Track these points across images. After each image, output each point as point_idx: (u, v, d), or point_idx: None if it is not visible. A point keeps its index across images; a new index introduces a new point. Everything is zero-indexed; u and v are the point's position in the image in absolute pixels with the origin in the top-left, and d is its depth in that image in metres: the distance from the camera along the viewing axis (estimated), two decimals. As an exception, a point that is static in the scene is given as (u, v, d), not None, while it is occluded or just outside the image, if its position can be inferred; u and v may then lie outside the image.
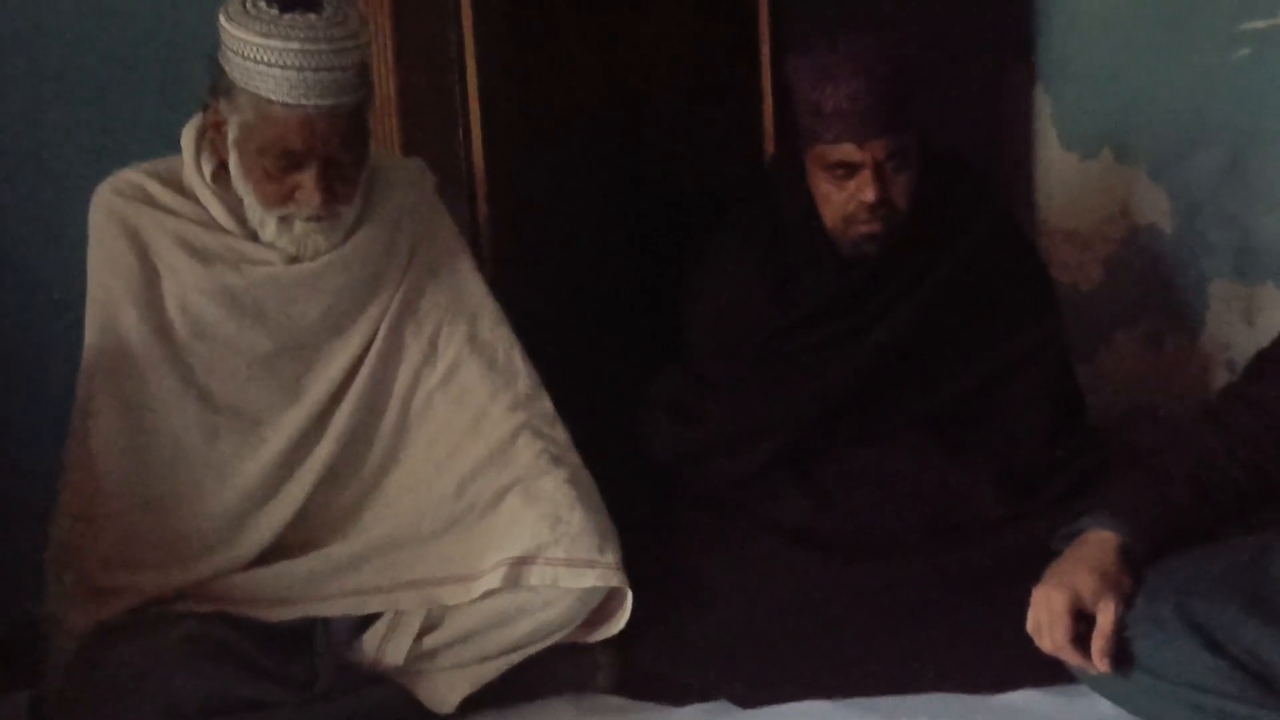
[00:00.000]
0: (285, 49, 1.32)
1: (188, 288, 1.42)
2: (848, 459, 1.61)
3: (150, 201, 1.43)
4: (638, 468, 1.64)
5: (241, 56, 1.34)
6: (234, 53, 1.35)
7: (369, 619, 1.42)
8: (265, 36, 1.33)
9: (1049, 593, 1.28)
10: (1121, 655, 1.26)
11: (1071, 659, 1.28)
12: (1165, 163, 2.03)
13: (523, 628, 1.41)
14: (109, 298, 1.42)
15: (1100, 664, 1.25)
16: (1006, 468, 1.59)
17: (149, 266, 1.41)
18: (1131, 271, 2.10)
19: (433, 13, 1.77)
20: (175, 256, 1.42)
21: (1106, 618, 1.25)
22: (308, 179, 1.38)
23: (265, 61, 1.33)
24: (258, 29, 1.33)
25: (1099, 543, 1.30)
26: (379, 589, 1.41)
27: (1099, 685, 1.31)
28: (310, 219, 1.41)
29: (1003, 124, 2.18)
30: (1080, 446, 1.63)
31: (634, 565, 1.42)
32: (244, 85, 1.35)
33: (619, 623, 1.43)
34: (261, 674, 1.33)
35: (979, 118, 2.16)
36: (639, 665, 1.49)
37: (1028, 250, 1.77)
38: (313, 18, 1.34)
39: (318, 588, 1.41)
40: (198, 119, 1.44)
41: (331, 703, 1.36)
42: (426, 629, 1.41)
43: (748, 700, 1.45)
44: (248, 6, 1.34)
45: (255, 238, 1.44)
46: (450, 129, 1.78)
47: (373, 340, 1.49)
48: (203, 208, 1.44)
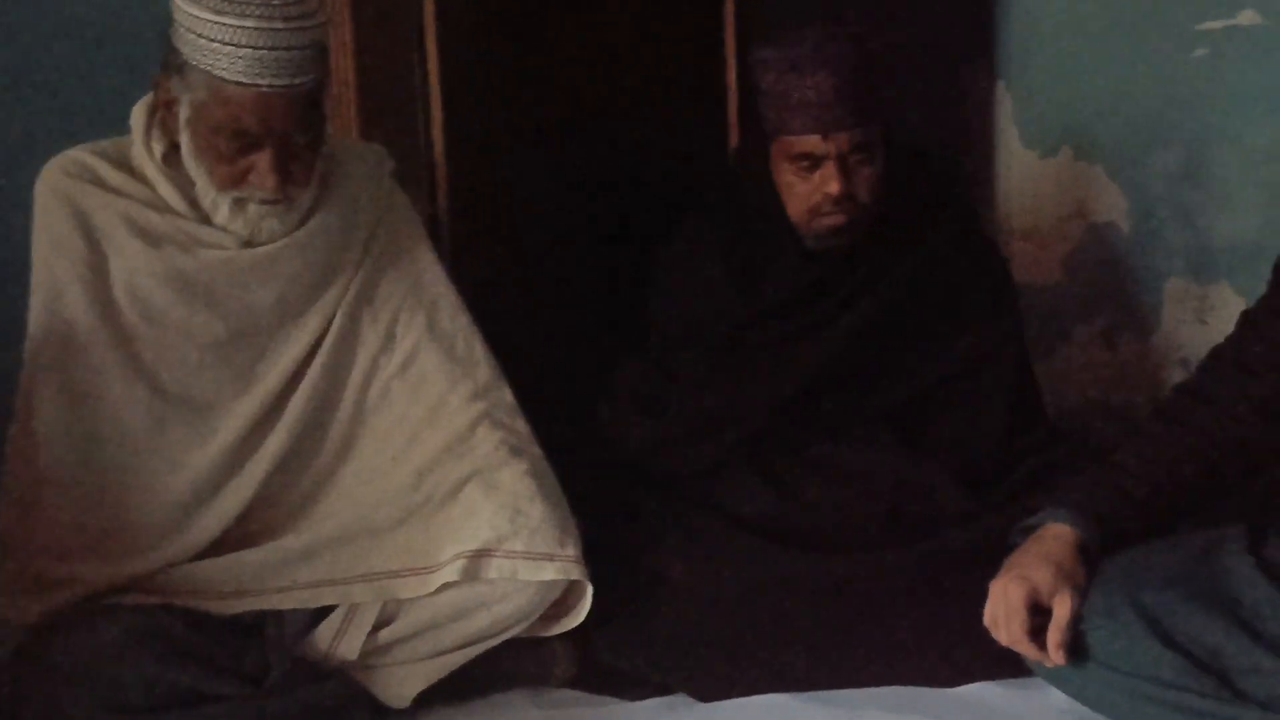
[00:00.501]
0: (240, 26, 1.29)
1: (136, 271, 1.38)
2: (809, 452, 1.61)
3: (98, 182, 1.39)
4: (599, 460, 1.63)
5: (194, 33, 1.31)
6: (187, 29, 1.32)
7: (323, 612, 1.39)
8: (219, 13, 1.29)
9: (1006, 586, 1.29)
10: (1076, 648, 1.27)
11: (1028, 652, 1.29)
12: (1123, 162, 2.05)
13: (480, 621, 1.39)
14: (54, 280, 1.38)
15: (1055, 657, 1.26)
16: (966, 462, 1.60)
17: (96, 249, 1.38)
18: (1089, 269, 2.13)
19: (392, -4, 1.74)
20: (124, 238, 1.38)
21: (1062, 611, 1.26)
22: (262, 161, 1.35)
23: (219, 39, 1.30)
24: (211, 5, 1.30)
25: (1056, 536, 1.31)
26: (333, 581, 1.39)
27: (1054, 678, 1.32)
28: (265, 202, 1.38)
29: (963, 122, 2.19)
30: (1038, 441, 1.65)
31: (594, 558, 1.41)
32: (197, 63, 1.32)
33: (578, 616, 1.42)
34: (211, 667, 1.30)
35: (940, 115, 2.17)
36: (598, 659, 1.48)
37: (989, 246, 1.78)
38: (269, -5, 1.31)
39: (270, 580, 1.38)
40: (148, 97, 1.40)
41: (283, 697, 1.33)
42: (382, 622, 1.39)
43: (707, 694, 1.45)
44: (202, -18, 1.31)
45: (207, 220, 1.40)
46: (410, 114, 1.75)
47: (328, 328, 1.46)
48: (152, 189, 1.40)
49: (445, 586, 1.37)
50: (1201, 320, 1.98)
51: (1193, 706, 1.21)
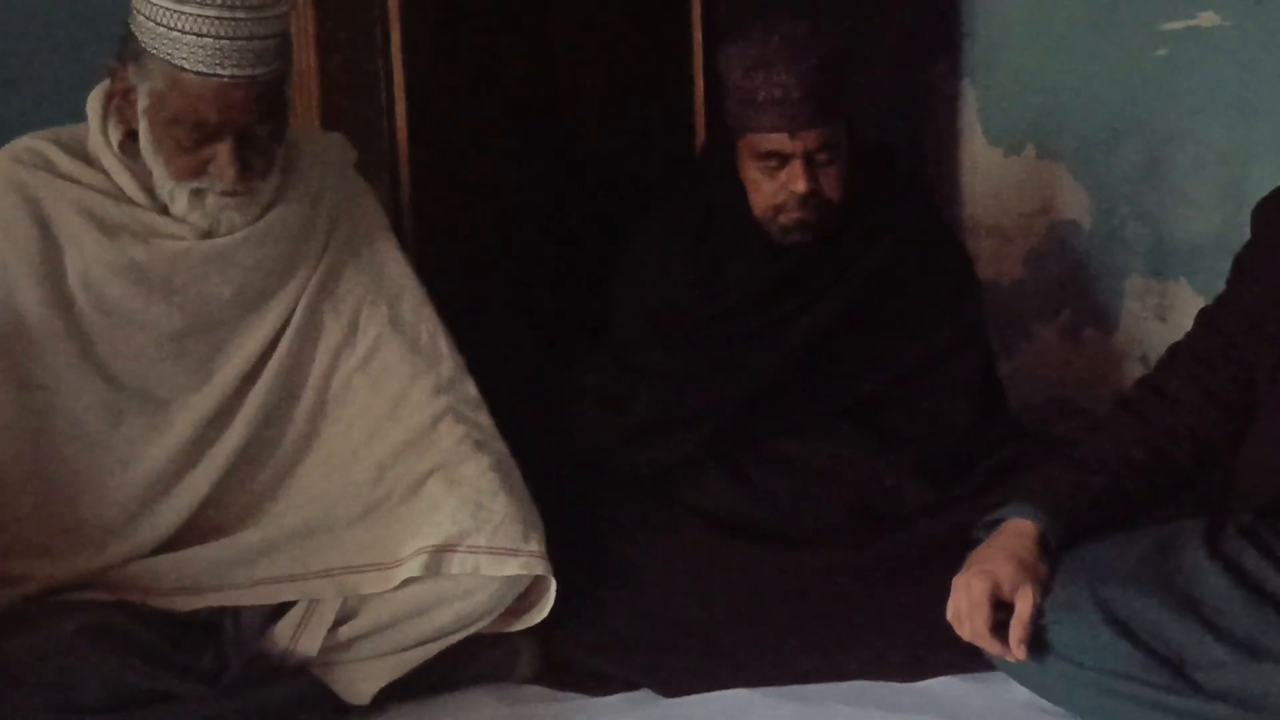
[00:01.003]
0: (200, 15, 1.27)
1: (91, 261, 1.35)
2: (774, 448, 1.61)
3: (53, 170, 1.36)
4: (563, 454, 1.62)
5: (153, 21, 1.28)
6: (145, 17, 1.29)
7: (282, 608, 1.37)
8: (180, 2, 1.27)
9: (969, 581, 1.29)
10: (1038, 642, 1.28)
11: (990, 647, 1.30)
12: (1086, 160, 2.07)
13: (443, 617, 1.38)
14: (5, 270, 1.34)
15: (1018, 651, 1.27)
16: (930, 457, 1.61)
17: (50, 238, 1.35)
18: (1051, 266, 2.15)
19: (357, -14, 1.72)
20: (79, 228, 1.35)
21: (1025, 606, 1.27)
22: (222, 151, 1.32)
23: (179, 28, 1.27)
24: (171, -8, 1.27)
25: (1018, 531, 1.32)
26: (292, 577, 1.37)
27: (1016, 672, 1.33)
28: (224, 194, 1.35)
29: (929, 119, 2.21)
30: (1001, 436, 1.66)
31: (557, 553, 1.40)
32: (155, 51, 1.29)
33: (541, 611, 1.41)
34: (166, 665, 1.28)
35: (906, 113, 2.18)
36: (562, 654, 1.47)
37: (952, 243, 1.79)
38: (230, -16, 1.29)
39: (227, 576, 1.36)
40: (104, 84, 1.37)
41: (241, 695, 1.31)
42: (342, 619, 1.37)
43: (671, 689, 1.44)
44: (161, -31, 1.29)
45: (165, 211, 1.38)
46: (373, 104, 1.73)
47: (289, 320, 1.44)
48: (109, 178, 1.37)
49: (407, 582, 1.36)
50: (1161, 317, 2.01)
51: (1152, 699, 1.22)
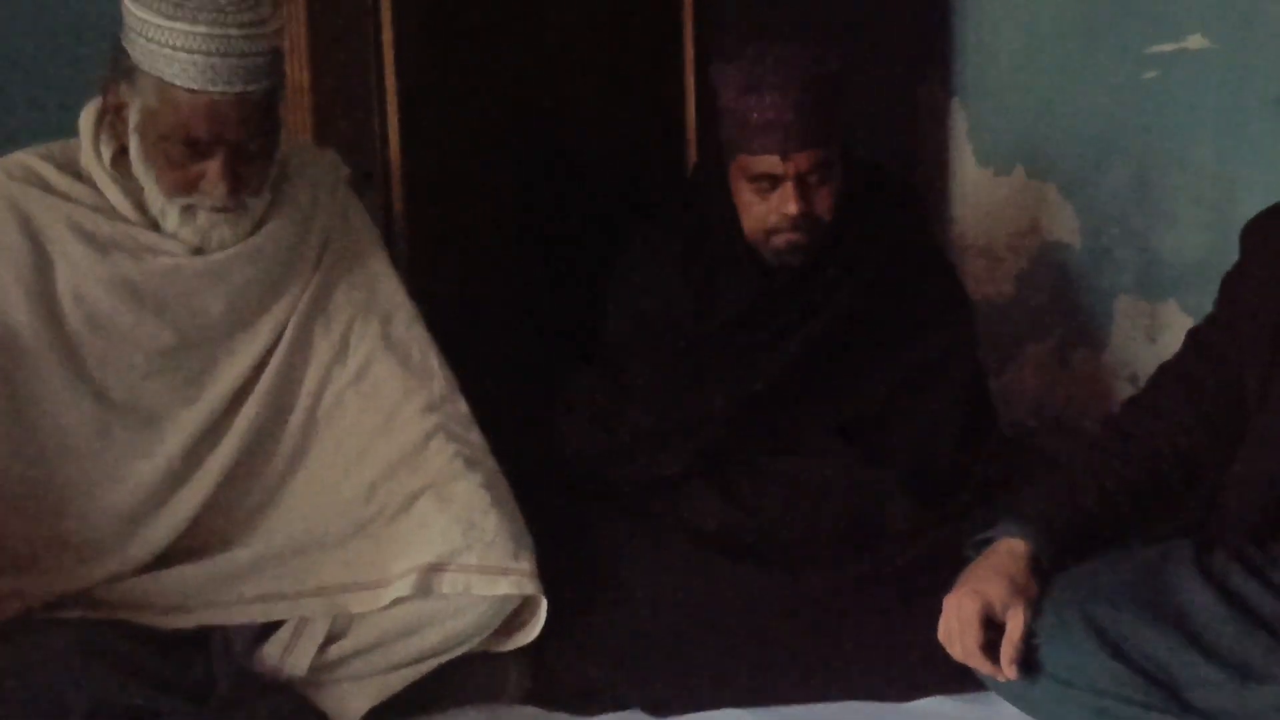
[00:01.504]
0: (192, 32, 1.27)
1: (83, 277, 1.35)
2: (764, 465, 1.61)
3: (44, 186, 1.36)
4: (554, 472, 1.62)
5: (145, 39, 1.29)
6: (137, 34, 1.29)
7: (271, 626, 1.37)
8: (171, 19, 1.27)
9: (960, 600, 1.29)
10: (1029, 662, 1.28)
11: (981, 666, 1.30)
12: (1075, 181, 2.08)
13: (433, 636, 1.37)
14: (-4, 286, 1.34)
15: (1009, 671, 1.27)
16: (920, 475, 1.61)
17: (41, 254, 1.35)
18: (1041, 286, 2.15)
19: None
20: (70, 244, 1.35)
21: (1015, 626, 1.27)
22: (213, 168, 1.32)
23: (170, 45, 1.28)
24: (163, 10, 1.28)
25: (1009, 551, 1.32)
26: (282, 596, 1.36)
27: (1007, 692, 1.33)
28: (215, 209, 1.35)
29: (920, 139, 2.22)
30: (991, 455, 1.66)
31: (548, 572, 1.40)
32: (147, 69, 1.29)
33: (532, 631, 1.40)
34: (155, 683, 1.27)
35: (897, 133, 2.19)
36: (551, 674, 1.46)
37: (943, 262, 1.80)
38: (222, 1, 1.29)
39: (217, 594, 1.35)
40: (96, 101, 1.38)
41: (229, 713, 1.30)
42: (332, 637, 1.36)
43: (661, 709, 1.44)
44: (154, -13, 1.29)
45: (156, 227, 1.38)
46: (366, 120, 1.74)
47: (280, 337, 1.44)
48: (100, 194, 1.37)
49: (397, 601, 1.35)
50: (1151, 337, 2.02)
51: (1143, 719, 1.22)
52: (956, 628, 1.29)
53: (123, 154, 1.35)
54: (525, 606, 1.40)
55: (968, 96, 2.18)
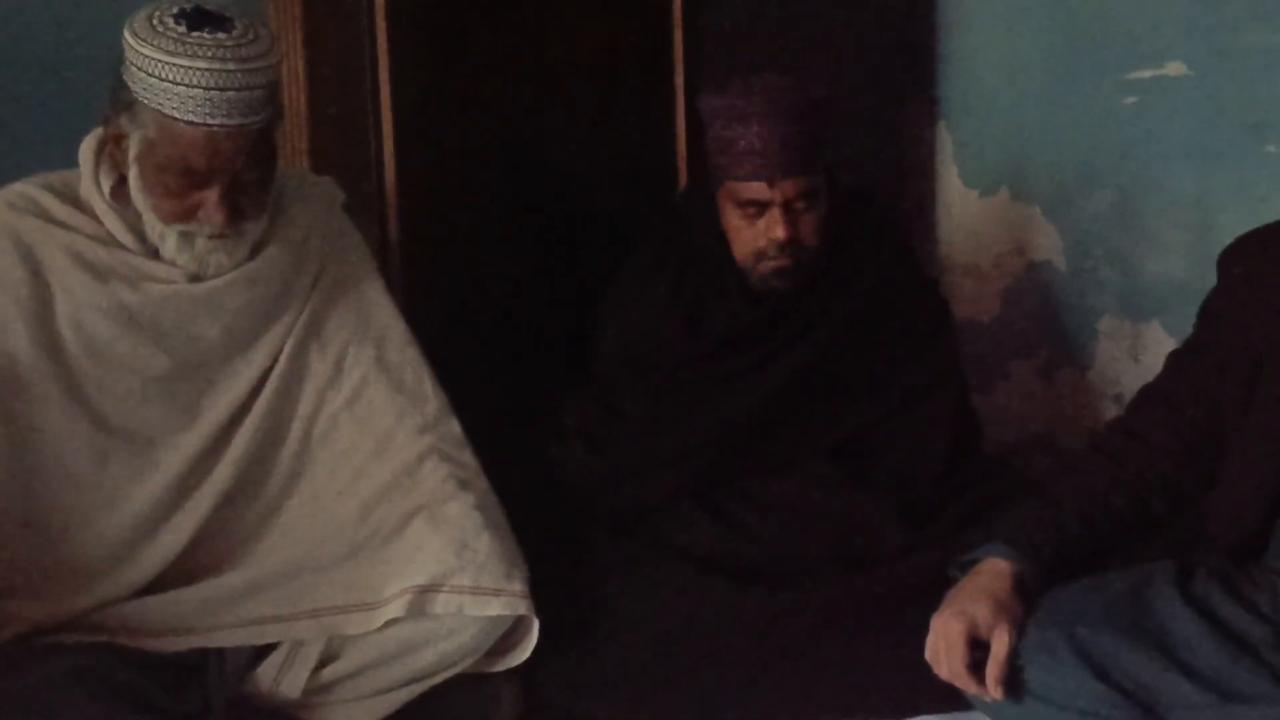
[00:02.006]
0: (192, 67, 1.29)
1: (82, 305, 1.37)
2: (754, 488, 1.63)
3: (44, 216, 1.38)
4: (546, 494, 1.63)
5: (146, 73, 1.31)
6: (139, 69, 1.31)
7: (265, 649, 1.38)
8: (172, 55, 1.29)
9: (946, 621, 1.31)
10: (1014, 682, 1.30)
11: (967, 686, 1.31)
12: (1058, 203, 2.11)
13: (426, 657, 1.39)
14: (-3, 313, 1.36)
15: (994, 691, 1.29)
16: (907, 496, 1.63)
17: (41, 282, 1.36)
18: (1027, 306, 2.18)
19: (346, 29, 1.75)
20: (69, 272, 1.37)
21: (1000, 646, 1.29)
22: (211, 197, 1.34)
23: (171, 79, 1.30)
24: (165, 46, 1.30)
25: (995, 572, 1.34)
26: (277, 618, 1.37)
27: (993, 711, 1.34)
28: (213, 236, 1.37)
29: (907, 162, 2.25)
30: (977, 475, 1.69)
31: (540, 593, 1.41)
32: (148, 102, 1.31)
33: (524, 652, 1.42)
34: (152, 707, 1.28)
35: (884, 155, 2.22)
36: (543, 695, 1.48)
37: (928, 285, 1.83)
38: (222, 36, 1.31)
39: (212, 617, 1.36)
40: (97, 132, 1.40)
41: (225, 736, 1.31)
42: (326, 659, 1.38)
43: (651, 729, 1.46)
44: (154, 23, 1.31)
45: (155, 255, 1.39)
46: (361, 147, 1.76)
47: (275, 361, 1.45)
48: (100, 223, 1.39)
49: (391, 623, 1.37)
50: (1134, 357, 2.04)
51: (1123, 739, 1.24)
52: (943, 648, 1.31)
53: (122, 184, 1.37)
54: (517, 627, 1.42)
55: (953, 120, 2.21)
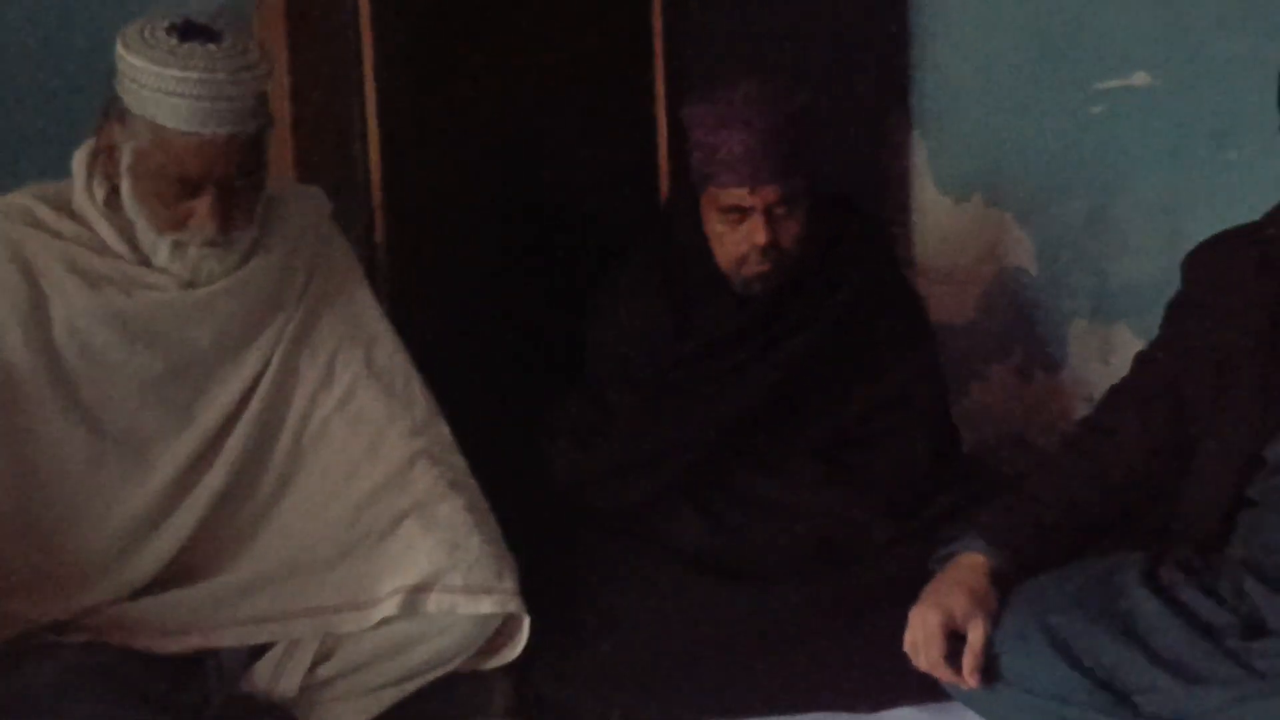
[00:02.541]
0: (184, 78, 1.32)
1: (77, 311, 1.39)
2: (741, 486, 1.66)
3: (38, 225, 1.40)
4: (536, 493, 1.66)
5: (138, 84, 1.33)
6: (131, 80, 1.34)
7: (261, 648, 1.40)
8: (163, 65, 1.32)
9: (924, 613, 1.35)
10: (991, 671, 1.34)
11: (945, 676, 1.35)
12: (1030, 208, 2.15)
13: (419, 655, 1.41)
14: (-7, 321, 1.38)
15: (971, 680, 1.33)
16: (889, 494, 1.67)
17: (36, 290, 1.38)
18: (1001, 310, 2.22)
19: (331, 39, 1.78)
20: (64, 280, 1.39)
21: (976, 636, 1.33)
22: (203, 205, 1.37)
23: (163, 90, 1.32)
24: (156, 57, 1.32)
25: (971, 565, 1.38)
26: (272, 618, 1.39)
27: (971, 701, 1.38)
28: (205, 244, 1.39)
29: (882, 170, 2.29)
30: (957, 474, 1.72)
31: (530, 591, 1.44)
32: (139, 112, 1.34)
33: (515, 649, 1.44)
34: (149, 705, 1.30)
35: (862, 164, 2.26)
36: (535, 692, 1.50)
37: (907, 288, 1.87)
38: (212, 47, 1.33)
39: (208, 617, 1.38)
40: (89, 142, 1.42)
41: (222, 734, 1.33)
42: (321, 658, 1.40)
43: (641, 724, 1.49)
44: (145, 35, 1.33)
45: (148, 262, 1.42)
46: (347, 154, 1.78)
47: (267, 366, 1.47)
48: (93, 232, 1.41)
49: (384, 621, 1.39)
50: (1104, 360, 2.09)
51: (1096, 724, 1.28)
52: (921, 639, 1.35)
53: (114, 193, 1.39)
54: (509, 625, 1.44)
55: (928, 129, 2.25)
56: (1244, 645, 1.27)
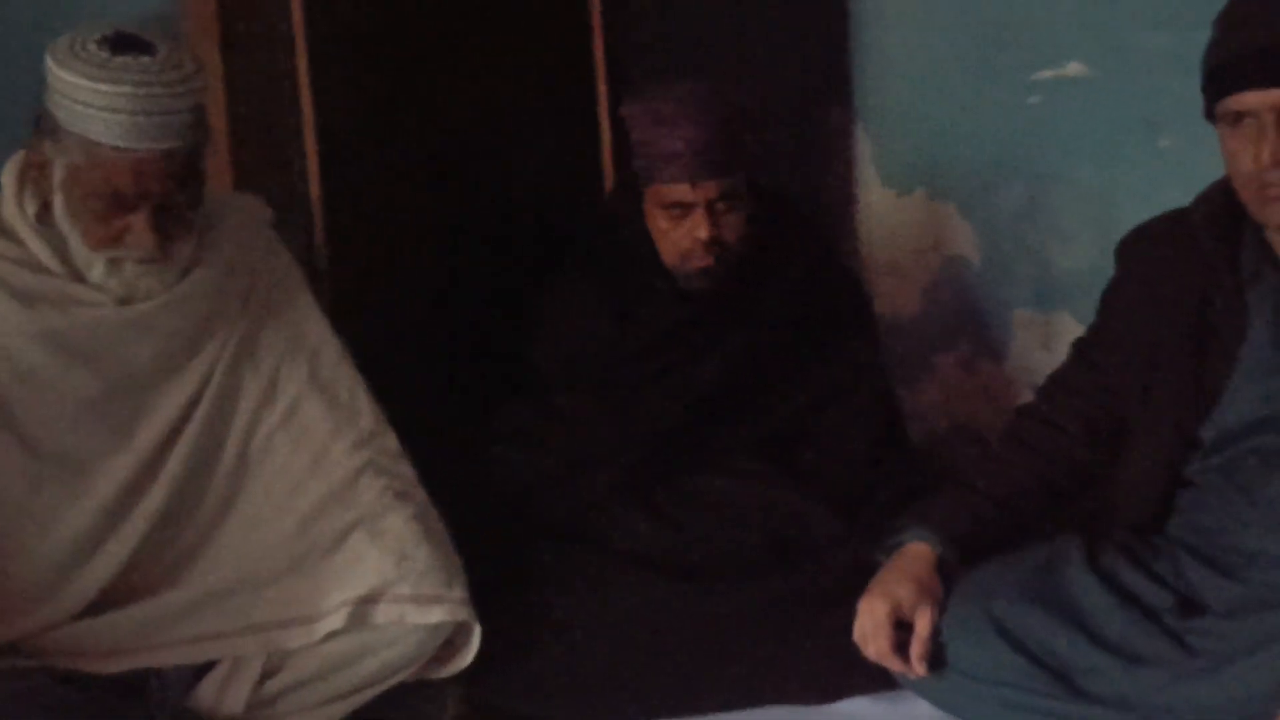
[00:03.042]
0: (116, 92, 1.29)
1: (9, 331, 1.36)
2: (687, 484, 1.67)
3: (-34, 242, 1.38)
4: (484, 502, 1.66)
5: (70, 99, 1.31)
6: (62, 95, 1.32)
7: (207, 666, 1.39)
8: (95, 80, 1.30)
9: (872, 603, 1.37)
10: (937, 658, 1.36)
11: (893, 665, 1.37)
12: (972, 200, 2.18)
13: (368, 667, 1.40)
14: (-78, 343, 1.35)
15: (918, 668, 1.35)
16: (835, 488, 1.68)
17: (-35, 309, 1.36)
18: (946, 301, 2.25)
19: (265, 44, 1.76)
20: (-5, 299, 1.37)
21: (923, 625, 1.35)
22: (138, 221, 1.35)
23: (95, 105, 1.30)
24: (87, 72, 1.30)
25: (916, 554, 1.40)
26: (217, 635, 1.38)
27: (920, 688, 1.41)
28: (142, 261, 1.38)
29: (826, 164, 2.31)
30: (903, 464, 1.74)
31: (480, 599, 1.44)
32: (71, 127, 1.32)
33: (466, 657, 1.44)
34: (93, 729, 1.29)
35: (805, 159, 2.28)
36: (487, 699, 1.50)
37: (849, 281, 1.89)
38: (145, 60, 1.31)
39: (151, 637, 1.37)
40: (19, 156, 1.39)
41: (168, 755, 1.32)
42: (268, 673, 1.39)
43: (595, 727, 1.49)
44: (76, 49, 1.31)
45: (82, 279, 1.39)
46: (285, 162, 1.77)
47: (208, 382, 1.46)
48: (25, 248, 1.39)
49: (332, 634, 1.38)
50: (1046, 347, 2.12)
51: (1041, 707, 1.30)
52: (870, 629, 1.36)
53: (46, 208, 1.37)
54: (459, 634, 1.44)
55: (870, 123, 2.27)
56: (1182, 624, 1.30)
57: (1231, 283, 1.36)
